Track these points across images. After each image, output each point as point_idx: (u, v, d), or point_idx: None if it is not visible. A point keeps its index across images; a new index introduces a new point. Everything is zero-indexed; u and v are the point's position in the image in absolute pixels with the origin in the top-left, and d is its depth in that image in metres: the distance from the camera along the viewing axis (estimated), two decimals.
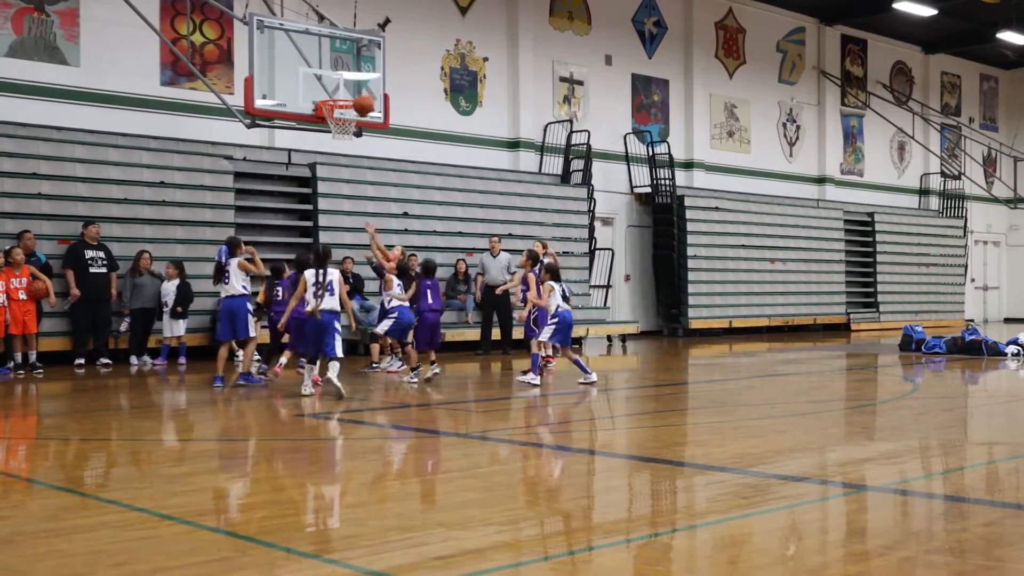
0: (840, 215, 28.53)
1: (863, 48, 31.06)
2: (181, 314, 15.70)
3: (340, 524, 5.61)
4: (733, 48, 27.39)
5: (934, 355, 17.86)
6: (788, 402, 11.36)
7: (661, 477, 7.11)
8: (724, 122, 27.15)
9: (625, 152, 24.38)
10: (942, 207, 32.87)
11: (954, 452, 8.28)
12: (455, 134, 21.68)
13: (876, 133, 31.44)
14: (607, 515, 5.94)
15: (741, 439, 8.54)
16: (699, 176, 26.06)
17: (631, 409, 11.24)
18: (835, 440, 8.80)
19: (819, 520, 5.85)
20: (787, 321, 25.91)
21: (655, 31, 25.49)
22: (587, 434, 9.45)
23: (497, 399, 11.98)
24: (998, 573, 4.58)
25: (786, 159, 28.84)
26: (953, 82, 34.50)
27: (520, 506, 5.95)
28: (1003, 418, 10.50)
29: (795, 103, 29.04)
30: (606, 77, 24.44)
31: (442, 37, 21.56)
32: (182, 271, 15.89)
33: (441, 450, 8.28)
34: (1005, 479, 7.07)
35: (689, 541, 5.32)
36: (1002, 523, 5.59)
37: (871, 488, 6.64)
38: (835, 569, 4.70)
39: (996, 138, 35.12)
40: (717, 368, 16.95)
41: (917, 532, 5.47)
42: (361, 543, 5.03)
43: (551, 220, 21.59)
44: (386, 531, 5.28)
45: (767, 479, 6.79)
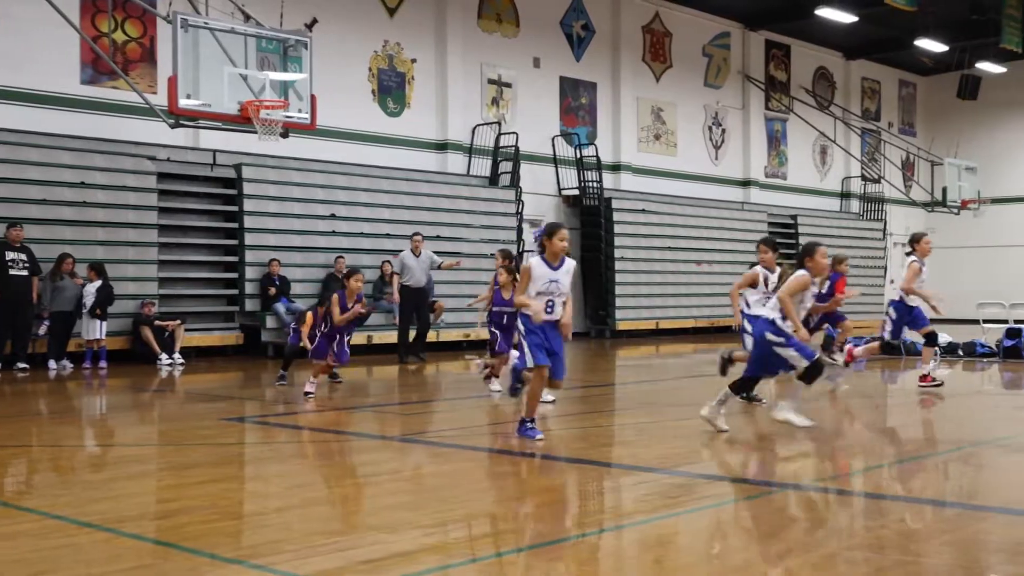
0: (764, 217, 28.96)
1: (787, 53, 31.57)
2: (101, 316, 15.42)
3: (265, 529, 5.54)
4: (660, 52, 27.66)
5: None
6: (704, 403, 11.46)
7: (588, 478, 7.15)
8: (651, 125, 27.40)
9: (553, 154, 24.49)
10: (862, 210, 33.53)
11: (874, 450, 8.44)
12: (383, 135, 21.59)
13: (799, 137, 31.97)
14: (534, 517, 5.95)
15: (667, 440, 8.62)
16: (626, 179, 26.26)
17: (559, 410, 11.27)
18: (760, 440, 8.92)
19: (743, 519, 5.92)
20: (713, 322, 26.22)
21: (583, 34, 25.64)
22: (515, 436, 9.44)
23: (425, 401, 11.94)
24: (915, 567, 4.68)
25: (712, 162, 29.20)
26: (873, 88, 35.23)
27: (449, 508, 5.94)
28: (922, 416, 10.74)
29: (720, 107, 29.41)
30: (534, 79, 24.52)
31: (370, 38, 21.45)
32: (103, 273, 15.61)
33: (369, 453, 8.23)
34: (923, 476, 7.22)
35: (616, 541, 5.36)
36: (919, 519, 5.71)
37: (793, 486, 6.74)
38: (758, 567, 4.77)
39: (914, 143, 35.92)
40: (644, 369, 17.09)
41: (838, 529, 5.57)
42: (287, 548, 4.98)
43: (479, 222, 21.60)
44: (312, 535, 5.23)
45: (693, 479, 6.86)
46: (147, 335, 16.07)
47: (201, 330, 17.45)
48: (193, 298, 17.89)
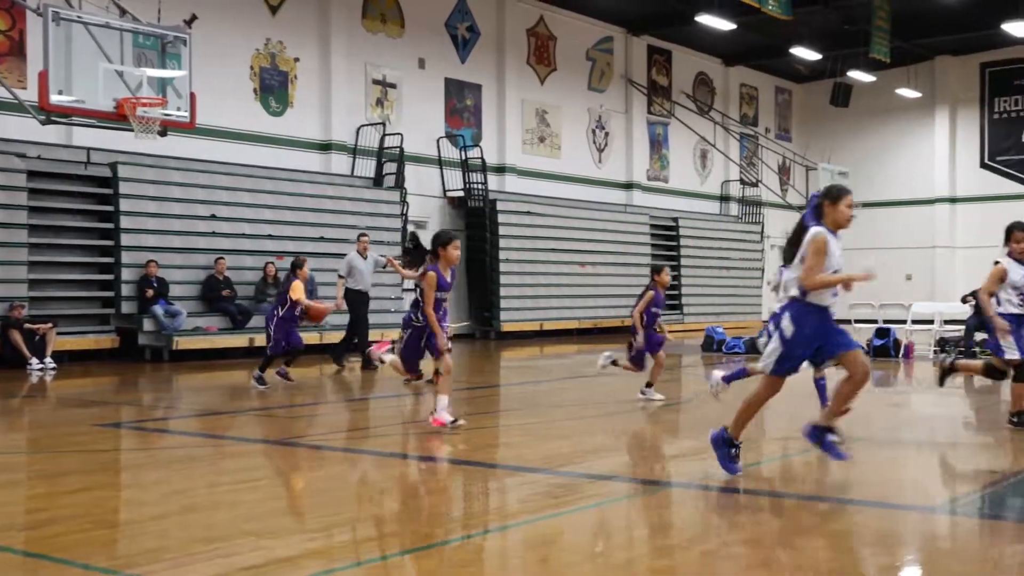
0: (646, 220, 29.41)
1: (668, 59, 32.13)
2: None
3: (142, 537, 5.39)
4: (544, 55, 27.86)
5: (734, 355, 18.63)
6: (598, 403, 11.62)
7: (473, 479, 7.15)
8: (535, 127, 27.58)
9: (438, 156, 24.45)
10: (741, 213, 34.34)
11: (753, 447, 8.64)
12: (265, 135, 21.24)
13: (680, 141, 32.57)
14: (420, 518, 5.92)
15: (552, 440, 8.68)
16: (511, 180, 26.38)
17: None
18: (643, 439, 9.06)
19: (627, 517, 6.00)
20: (596, 323, 26.51)
21: (468, 36, 25.67)
22: (400, 438, 9.41)
23: (311, 404, 11.79)
24: (791, 560, 4.81)
25: (595, 165, 29.53)
26: (751, 94, 36.11)
27: (333, 512, 5.87)
28: (797, 413, 11.02)
29: (604, 110, 29.77)
30: (419, 80, 24.44)
31: (251, 36, 21.09)
32: None
33: (251, 458, 8.09)
34: (798, 472, 7.43)
35: (501, 542, 5.37)
36: (796, 514, 5.87)
37: (676, 484, 6.86)
38: (641, 564, 4.84)
39: (790, 148, 36.94)
40: (529, 370, 17.19)
41: (718, 525, 5.69)
42: (165, 556, 4.85)
43: (363, 223, 21.38)
44: (191, 543, 5.11)
45: (576, 479, 6.92)
46: (16, 339, 15.48)
47: (74, 333, 16.89)
48: (66, 300, 17.31)
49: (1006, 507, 6.13)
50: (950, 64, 35.64)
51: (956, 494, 6.73)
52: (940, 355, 17.35)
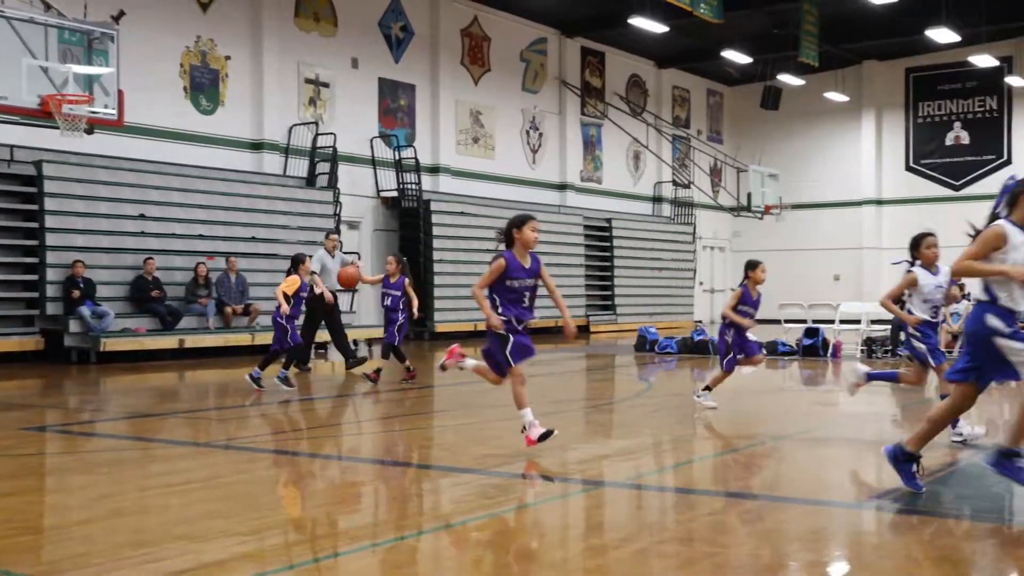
0: (580, 220, 29.54)
1: (601, 60, 32.33)
2: None
3: (68, 542, 5.29)
4: (478, 55, 27.87)
5: (666, 355, 18.80)
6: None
7: (407, 480, 7.13)
8: (470, 128, 27.57)
9: (372, 156, 24.34)
10: (673, 214, 34.66)
11: (684, 446, 8.73)
12: (196, 134, 20.96)
13: (613, 142, 32.78)
14: (353, 520, 5.90)
15: (486, 440, 8.69)
16: (445, 181, 26.34)
17: (377, 413, 11.22)
18: (575, 439, 9.10)
19: (560, 517, 6.03)
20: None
21: (402, 36, 25.58)
22: (333, 439, 9.35)
23: (241, 406, 11.66)
24: (721, 558, 4.87)
25: (529, 166, 29.61)
26: (683, 96, 36.47)
27: (264, 515, 5.82)
28: (728, 413, 11.16)
29: (538, 111, 29.86)
30: (353, 80, 24.30)
31: (181, 33, 20.80)
32: None
33: (180, 461, 7.97)
34: (729, 470, 7.52)
35: (435, 543, 5.36)
36: (726, 511, 5.94)
37: (609, 484, 6.90)
38: (575, 563, 4.86)
39: (721, 150, 37.38)
40: (462, 371, 17.15)
41: (650, 524, 5.74)
42: (92, 562, 4.77)
43: (296, 223, 21.25)
44: (120, 547, 5.03)
45: (511, 479, 6.94)
46: None
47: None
48: None
49: (931, 502, 6.26)
50: (876, 69, 36.35)
51: (882, 490, 6.86)
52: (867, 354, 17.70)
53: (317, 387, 13.20)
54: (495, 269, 7.78)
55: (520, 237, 7.87)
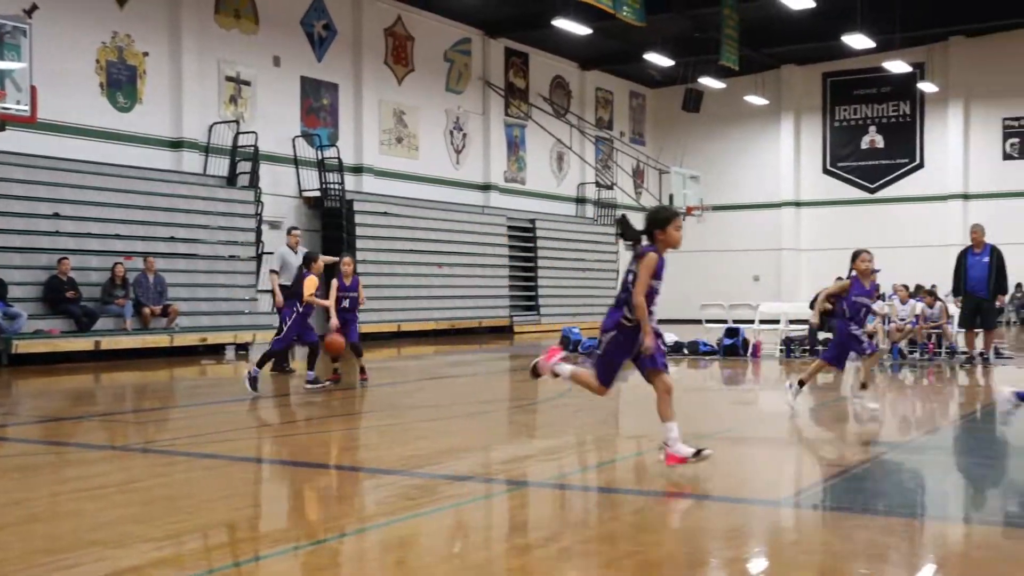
0: (504, 221, 29.60)
1: (525, 61, 32.41)
2: None
3: None
4: (402, 55, 27.76)
5: (590, 355, 18.88)
6: (455, 403, 11.63)
7: (330, 482, 7.07)
8: (393, 128, 27.45)
9: (294, 155, 24.10)
10: (596, 215, 34.89)
11: (607, 446, 8.79)
12: (113, 131, 20.55)
13: (537, 143, 32.90)
14: (274, 523, 5.82)
15: (410, 441, 8.65)
16: (368, 181, 26.19)
17: (299, 415, 11.11)
18: (499, 439, 9.11)
19: (484, 517, 6.02)
20: (453, 324, 26.55)
21: (325, 34, 25.37)
22: (254, 442, 9.23)
23: (159, 409, 11.46)
24: (643, 557, 4.91)
25: (453, 166, 29.57)
26: (606, 98, 36.74)
27: (183, 519, 5.71)
28: (650, 412, 11.25)
29: (462, 112, 29.84)
30: (274, 78, 24.04)
31: (98, 28, 20.37)
32: None
33: (95, 465, 7.80)
34: (651, 469, 7.58)
35: (358, 545, 5.32)
36: (649, 510, 5.99)
37: (532, 484, 6.91)
38: (498, 563, 4.86)
39: (644, 151, 37.74)
40: (386, 371, 17.08)
41: (573, 523, 5.76)
42: (4, 569, 4.64)
43: (216, 223, 20.96)
44: (32, 554, 4.90)
45: (434, 480, 6.91)
46: None
47: None
48: None
49: (848, 498, 6.39)
50: (795, 73, 37.02)
51: (801, 487, 6.98)
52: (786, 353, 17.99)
53: (239, 389, 12.99)
54: (651, 266, 6.66)
55: (665, 238, 6.78)
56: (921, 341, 17.36)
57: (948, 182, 34.98)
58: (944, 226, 34.18)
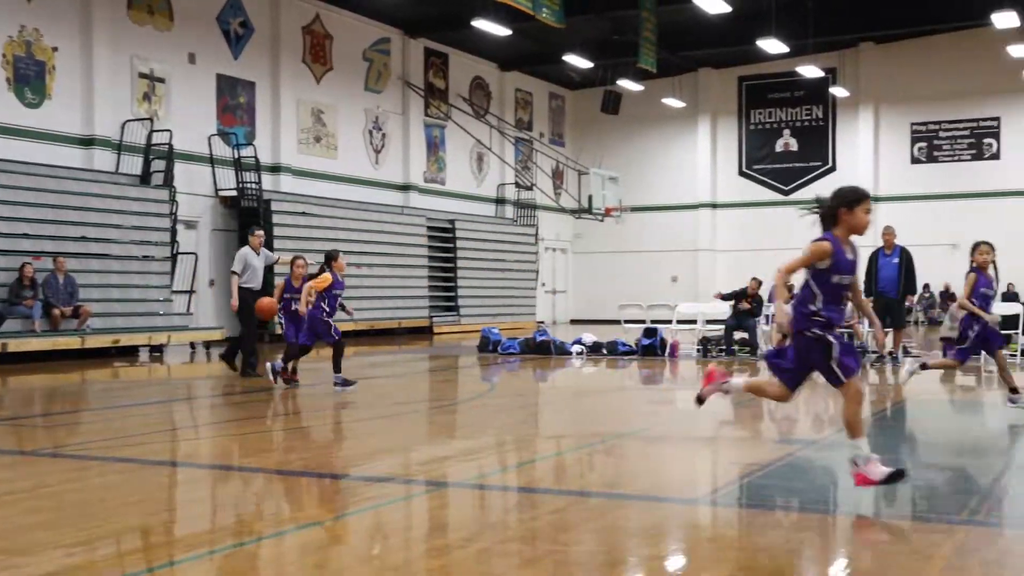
0: (423, 221, 29.51)
1: (445, 62, 32.36)
2: None
3: None
4: (320, 54, 27.51)
5: (509, 355, 18.95)
6: (374, 405, 11.56)
7: (248, 485, 6.98)
8: (311, 127, 27.19)
9: (210, 154, 23.73)
10: (516, 216, 34.99)
11: (527, 446, 8.82)
12: (20, 128, 20.01)
13: (457, 144, 32.86)
14: (190, 527, 5.73)
15: (329, 443, 8.58)
16: (286, 180, 25.91)
17: (216, 417, 10.95)
18: (419, 440, 9.09)
19: (403, 519, 6.00)
20: (372, 325, 26.40)
21: (241, 32, 25.04)
22: (169, 445, 9.07)
23: (71, 412, 11.20)
24: (563, 556, 4.93)
25: (372, 166, 29.40)
26: (526, 99, 36.85)
27: (95, 525, 5.59)
28: (569, 412, 11.34)
29: (381, 111, 29.68)
30: (190, 76, 23.64)
31: (5, 22, 19.82)
32: None
33: (3, 470, 7.60)
34: (571, 469, 7.63)
35: (276, 548, 5.26)
36: (568, 510, 6.02)
37: (452, 484, 6.91)
38: (418, 564, 4.85)
39: (563, 153, 37.92)
40: (305, 373, 16.88)
41: (493, 523, 5.77)
42: None
43: (130, 223, 20.55)
44: None
45: (354, 481, 6.87)
46: None
47: None
48: None
49: (763, 495, 6.49)
50: (711, 76, 37.54)
51: (718, 485, 7.08)
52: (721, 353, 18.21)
53: (154, 391, 12.78)
54: (817, 253, 6.05)
55: (850, 219, 6.15)
56: None
57: (859, 184, 35.69)
58: None
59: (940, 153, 35.13)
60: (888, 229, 16.89)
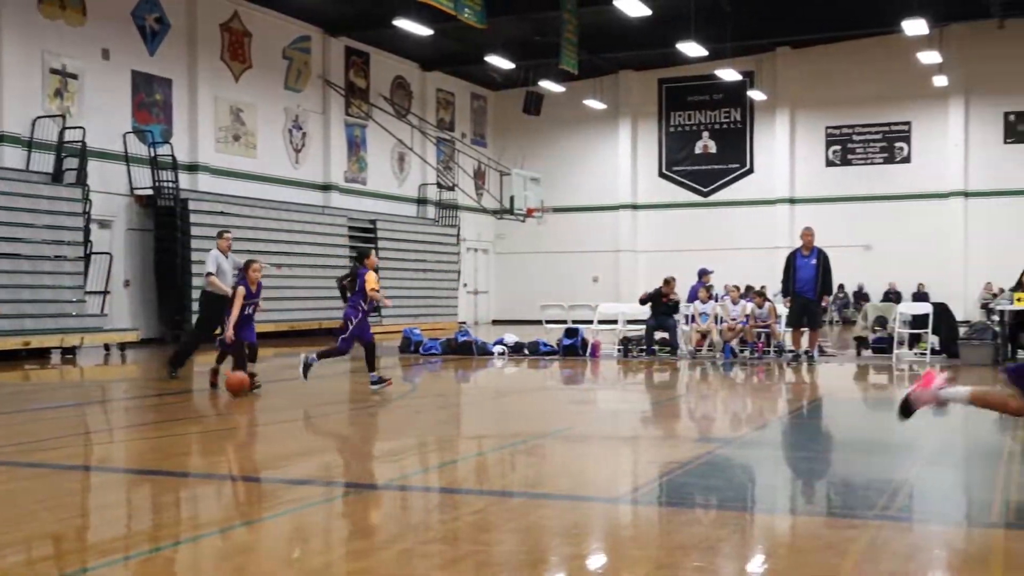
0: (345, 222, 29.30)
1: (366, 61, 32.17)
2: None
3: None
4: (239, 51, 27.15)
5: (431, 356, 18.90)
6: (295, 407, 11.44)
7: (163, 489, 6.85)
8: (230, 125, 26.83)
9: (125, 152, 23.26)
10: (438, 216, 34.92)
11: (449, 447, 8.80)
12: None
13: (378, 143, 32.68)
14: (103, 533, 5.61)
15: (247, 446, 8.48)
16: (204, 179, 25.52)
17: (131, 420, 10.74)
18: (339, 441, 9.01)
19: (324, 521, 5.94)
20: (293, 326, 26.12)
21: (157, 28, 24.59)
22: (82, 449, 8.87)
23: None
24: (485, 555, 4.93)
25: (292, 165, 29.10)
26: (448, 99, 36.80)
27: (5, 531, 5.44)
28: (491, 412, 11.35)
29: (301, 110, 29.40)
30: (103, 72, 23.15)
31: None
32: None
33: None
34: (492, 469, 7.63)
35: (194, 553, 5.18)
36: (489, 510, 6.03)
37: (373, 486, 6.87)
38: (339, 567, 4.81)
39: (485, 153, 37.95)
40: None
41: (415, 525, 5.75)
42: None
43: (41, 222, 20.05)
44: None
45: (273, 484, 6.79)
46: None
47: None
48: None
49: (682, 493, 6.57)
50: (632, 78, 37.89)
51: (637, 484, 7.14)
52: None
53: (68, 394, 12.49)
54: None
55: None
56: (751, 340, 18.01)
57: (776, 187, 36.39)
58: (772, 229, 35.56)
59: (854, 156, 35.90)
60: (807, 230, 17.19)
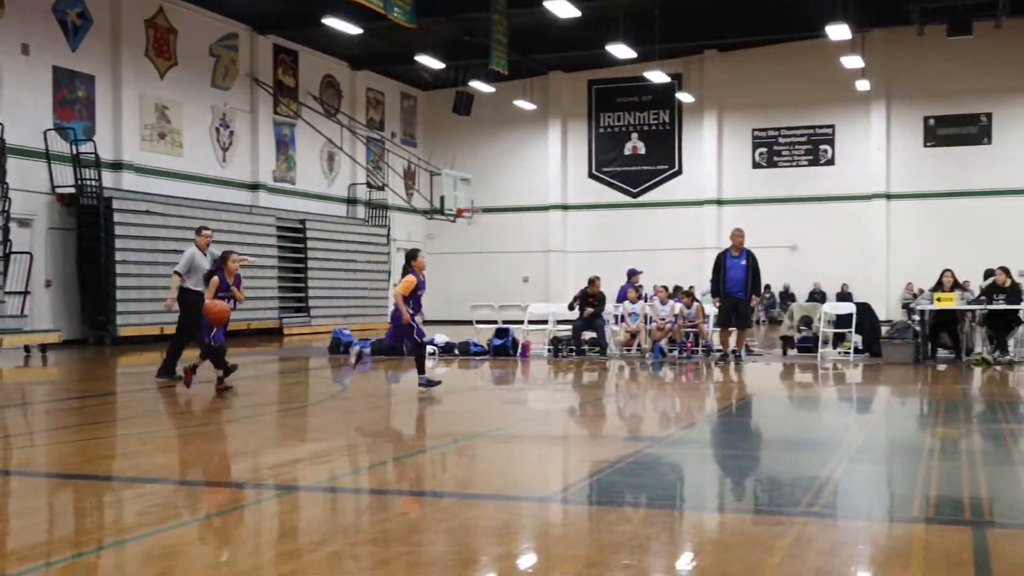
0: (273, 221, 29.00)
1: (295, 59, 31.88)
2: None
3: None
4: (165, 48, 26.73)
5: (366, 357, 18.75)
6: (223, 408, 11.30)
7: (85, 494, 6.72)
8: (155, 123, 26.39)
9: (46, 150, 22.77)
10: (368, 216, 34.73)
11: (379, 447, 8.76)
12: None
13: (307, 143, 32.41)
14: (21, 539, 5.47)
15: (174, 448, 8.35)
16: (128, 178, 25.08)
17: (51, 423, 10.51)
18: (268, 443, 8.92)
19: (253, 523, 5.88)
20: None
21: (79, 23, 24.11)
22: (0, 452, 8.66)
23: None
24: (415, 556, 4.92)
25: (220, 164, 28.73)
26: (378, 98, 36.62)
27: None
28: (422, 413, 11.30)
29: (228, 109, 29.04)
30: (23, 67, 22.63)
31: None
32: None
33: None
34: (423, 469, 7.61)
35: (117, 558, 5.08)
36: (420, 511, 6.01)
37: (302, 488, 6.80)
38: (268, 570, 4.76)
39: (415, 153, 37.84)
40: (149, 376, 16.41)
41: (345, 526, 5.71)
42: None
43: None
44: None
45: (199, 487, 6.69)
46: None
47: None
48: None
49: (611, 492, 6.61)
50: (562, 80, 38.05)
51: (568, 483, 7.17)
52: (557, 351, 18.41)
53: (1, 395, 12.17)
54: None
55: None
56: (679, 339, 18.19)
57: (704, 188, 36.81)
58: (700, 230, 35.99)
59: (780, 158, 36.46)
60: (738, 231, 17.39)
